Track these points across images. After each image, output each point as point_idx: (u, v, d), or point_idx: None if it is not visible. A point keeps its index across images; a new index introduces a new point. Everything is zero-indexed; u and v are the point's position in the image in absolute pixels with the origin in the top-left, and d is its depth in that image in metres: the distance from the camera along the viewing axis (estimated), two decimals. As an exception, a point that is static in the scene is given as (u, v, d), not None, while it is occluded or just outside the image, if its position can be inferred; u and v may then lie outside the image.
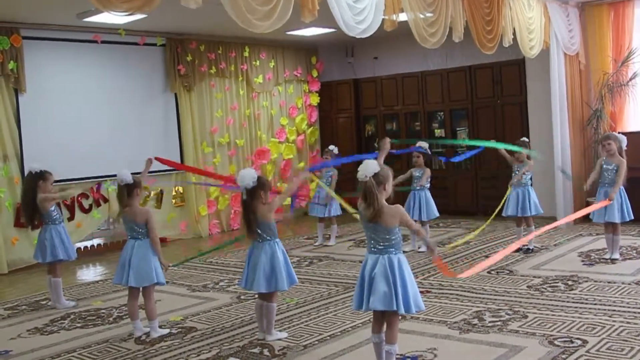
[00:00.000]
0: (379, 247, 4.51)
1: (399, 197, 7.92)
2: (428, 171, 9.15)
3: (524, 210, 8.55)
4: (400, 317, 4.79)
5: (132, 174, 5.96)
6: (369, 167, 4.45)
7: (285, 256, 5.57)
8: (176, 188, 11.58)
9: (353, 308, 4.72)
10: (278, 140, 13.32)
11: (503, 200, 8.68)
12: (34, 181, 7.10)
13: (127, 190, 5.88)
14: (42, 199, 7.06)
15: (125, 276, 5.86)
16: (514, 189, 8.65)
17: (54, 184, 7.29)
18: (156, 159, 7.50)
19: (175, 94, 11.63)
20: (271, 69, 13.23)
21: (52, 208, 7.20)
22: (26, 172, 7.38)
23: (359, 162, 4.51)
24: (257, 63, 12.92)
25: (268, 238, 5.50)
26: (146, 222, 5.90)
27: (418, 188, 9.15)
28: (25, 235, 9.41)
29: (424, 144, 9.25)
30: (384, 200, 4.52)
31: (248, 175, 5.40)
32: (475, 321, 5.78)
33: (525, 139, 8.92)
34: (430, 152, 9.44)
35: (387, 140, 5.66)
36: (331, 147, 10.30)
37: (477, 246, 9.32)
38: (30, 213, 7.15)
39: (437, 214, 9.25)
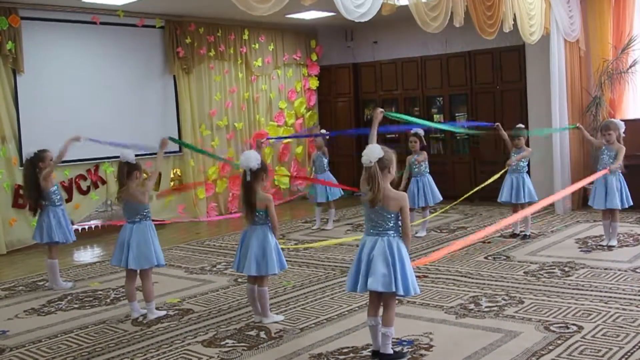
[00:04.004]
0: (379, 230, 4.52)
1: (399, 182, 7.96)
2: (424, 154, 9.16)
3: (518, 197, 8.55)
4: (396, 301, 4.80)
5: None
6: (374, 152, 4.44)
7: (276, 241, 5.58)
8: (174, 171, 11.57)
9: (347, 289, 4.73)
10: (277, 124, 13.30)
11: (494, 178, 8.66)
12: (33, 165, 7.10)
13: (127, 170, 5.88)
14: (42, 178, 7.06)
15: (124, 258, 5.87)
16: (509, 175, 8.66)
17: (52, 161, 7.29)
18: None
19: (174, 77, 11.60)
20: (270, 52, 13.20)
21: (54, 189, 7.20)
22: (24, 157, 7.37)
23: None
24: (257, 46, 12.88)
25: (261, 222, 5.50)
26: (146, 191, 5.93)
27: (419, 174, 9.15)
28: (23, 216, 9.40)
29: (420, 130, 9.25)
30: (389, 183, 4.52)
31: (253, 157, 5.41)
32: (472, 306, 5.80)
33: (521, 125, 8.91)
34: (424, 141, 9.46)
35: (379, 110, 5.52)
36: (322, 130, 10.36)
37: (473, 231, 9.33)
38: (35, 198, 7.13)
39: (441, 198, 9.28)
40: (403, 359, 4.63)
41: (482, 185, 8.57)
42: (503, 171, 8.68)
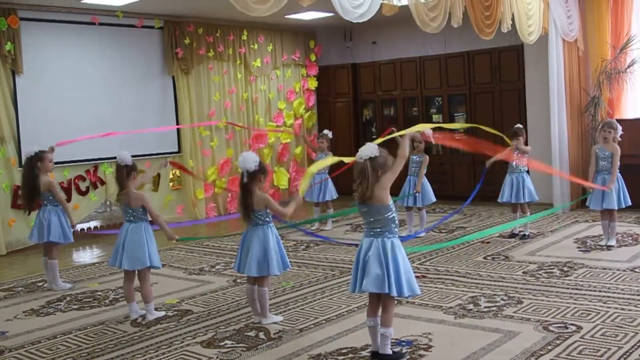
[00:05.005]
0: (375, 231, 4.55)
1: (397, 181, 7.93)
2: (427, 158, 9.12)
3: (518, 197, 8.55)
4: (396, 302, 4.81)
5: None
6: (367, 150, 4.50)
7: (278, 241, 5.58)
8: (173, 171, 11.57)
9: (349, 290, 4.80)
10: (275, 124, 13.31)
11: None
12: (31, 165, 7.10)
13: (126, 172, 5.89)
14: (47, 183, 7.06)
15: (119, 259, 5.89)
16: (509, 175, 8.67)
17: (53, 163, 7.28)
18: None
19: (173, 77, 11.59)
20: (269, 52, 13.20)
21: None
22: (24, 156, 7.38)
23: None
24: (255, 46, 12.88)
25: (261, 223, 5.51)
26: (142, 207, 5.93)
27: (415, 174, 9.13)
28: (22, 216, 9.40)
29: (427, 131, 9.21)
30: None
31: (250, 158, 5.41)
32: (471, 306, 5.80)
33: (519, 125, 8.90)
34: (432, 140, 9.41)
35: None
36: (325, 131, 10.35)
37: (473, 232, 9.33)
38: (29, 197, 7.14)
39: (434, 199, 9.25)
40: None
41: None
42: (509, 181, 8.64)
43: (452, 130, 9.79)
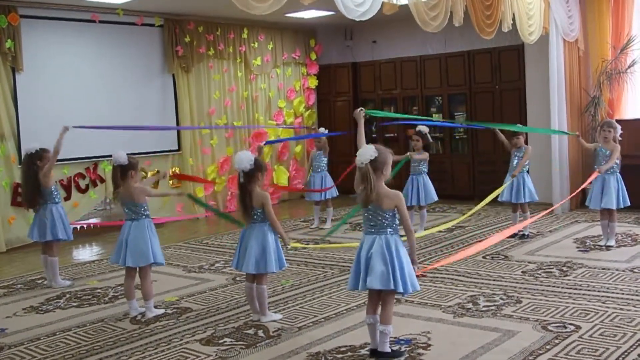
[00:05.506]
0: (376, 228, 4.56)
1: (398, 181, 7.98)
2: (426, 154, 9.14)
3: (518, 197, 8.55)
4: (395, 300, 4.82)
5: (128, 154, 5.96)
6: (366, 153, 4.50)
7: (276, 239, 5.59)
8: (173, 169, 11.56)
9: (348, 288, 4.81)
10: (275, 123, 13.31)
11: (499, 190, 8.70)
12: (31, 163, 7.09)
13: (121, 172, 5.89)
14: (42, 175, 7.06)
15: (123, 256, 5.89)
16: (509, 174, 8.67)
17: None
18: (173, 175, 7.61)
19: (173, 75, 11.59)
20: (269, 51, 13.20)
21: (53, 187, 7.20)
22: (25, 151, 7.36)
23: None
24: (256, 45, 12.88)
25: (260, 221, 5.52)
26: (147, 196, 5.95)
27: (416, 173, 9.14)
28: (22, 214, 9.40)
29: (424, 128, 9.24)
30: (383, 183, 4.56)
31: (245, 158, 5.42)
32: (470, 305, 5.81)
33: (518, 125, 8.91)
34: (430, 138, 9.44)
35: (360, 110, 5.59)
36: (321, 129, 10.37)
37: (473, 231, 9.35)
38: (31, 196, 7.14)
39: (436, 198, 9.26)
40: (401, 358, 4.64)
41: (491, 196, 8.68)
42: (510, 181, 8.60)
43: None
